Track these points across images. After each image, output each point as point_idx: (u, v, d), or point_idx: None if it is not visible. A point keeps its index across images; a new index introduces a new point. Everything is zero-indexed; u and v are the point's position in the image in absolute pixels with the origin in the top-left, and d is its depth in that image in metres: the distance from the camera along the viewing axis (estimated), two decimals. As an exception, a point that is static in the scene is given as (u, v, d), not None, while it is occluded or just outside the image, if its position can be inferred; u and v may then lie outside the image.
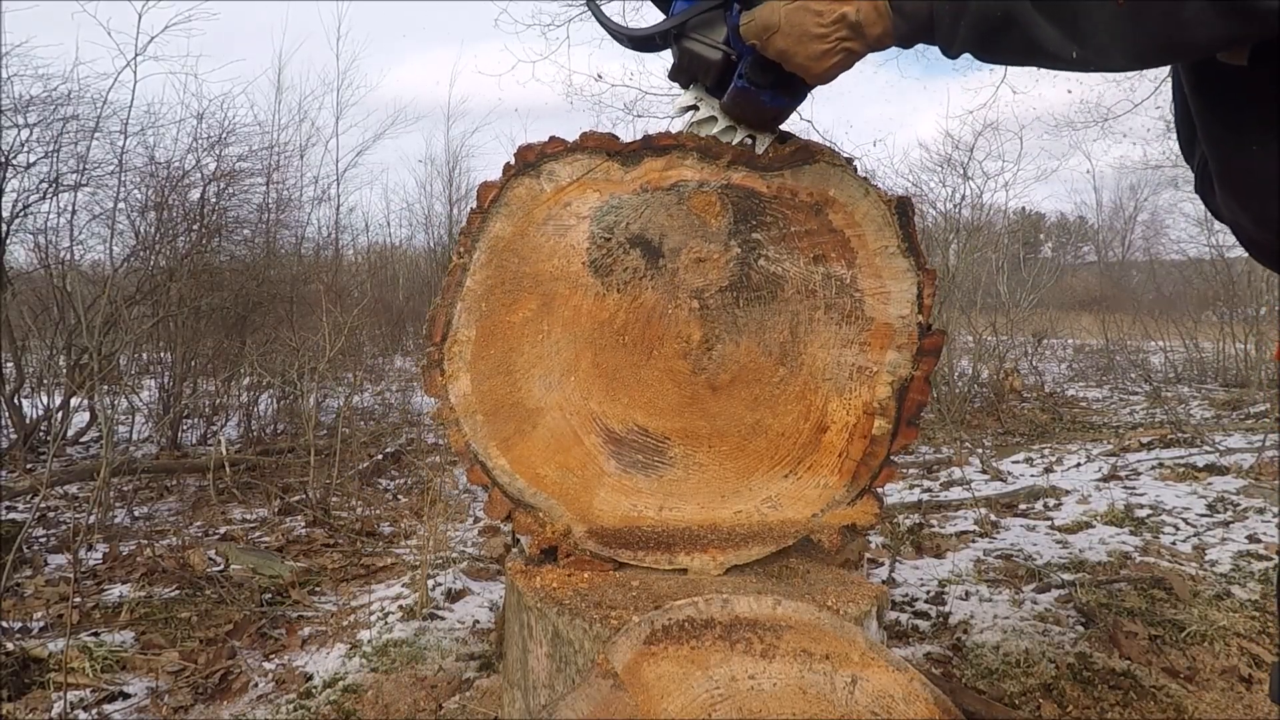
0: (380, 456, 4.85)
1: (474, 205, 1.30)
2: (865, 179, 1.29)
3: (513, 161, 1.29)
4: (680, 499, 1.28)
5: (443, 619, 2.52)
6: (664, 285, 1.28)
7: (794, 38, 1.02)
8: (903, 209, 1.28)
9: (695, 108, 1.26)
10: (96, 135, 5.30)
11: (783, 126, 1.30)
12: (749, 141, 1.27)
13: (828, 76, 1.07)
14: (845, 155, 1.31)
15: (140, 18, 5.05)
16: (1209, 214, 1.13)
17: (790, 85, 1.15)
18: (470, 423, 1.28)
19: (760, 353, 1.29)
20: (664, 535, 1.27)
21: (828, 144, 1.33)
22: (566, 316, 1.29)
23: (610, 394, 1.29)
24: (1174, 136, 1.15)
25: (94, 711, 2.02)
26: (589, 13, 1.22)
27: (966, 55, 0.97)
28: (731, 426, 1.29)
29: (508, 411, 1.28)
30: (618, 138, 1.30)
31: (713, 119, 1.25)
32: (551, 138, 1.30)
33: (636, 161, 1.29)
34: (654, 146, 1.29)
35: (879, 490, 1.29)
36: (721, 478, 1.29)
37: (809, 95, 1.24)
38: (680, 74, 1.23)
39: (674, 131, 1.30)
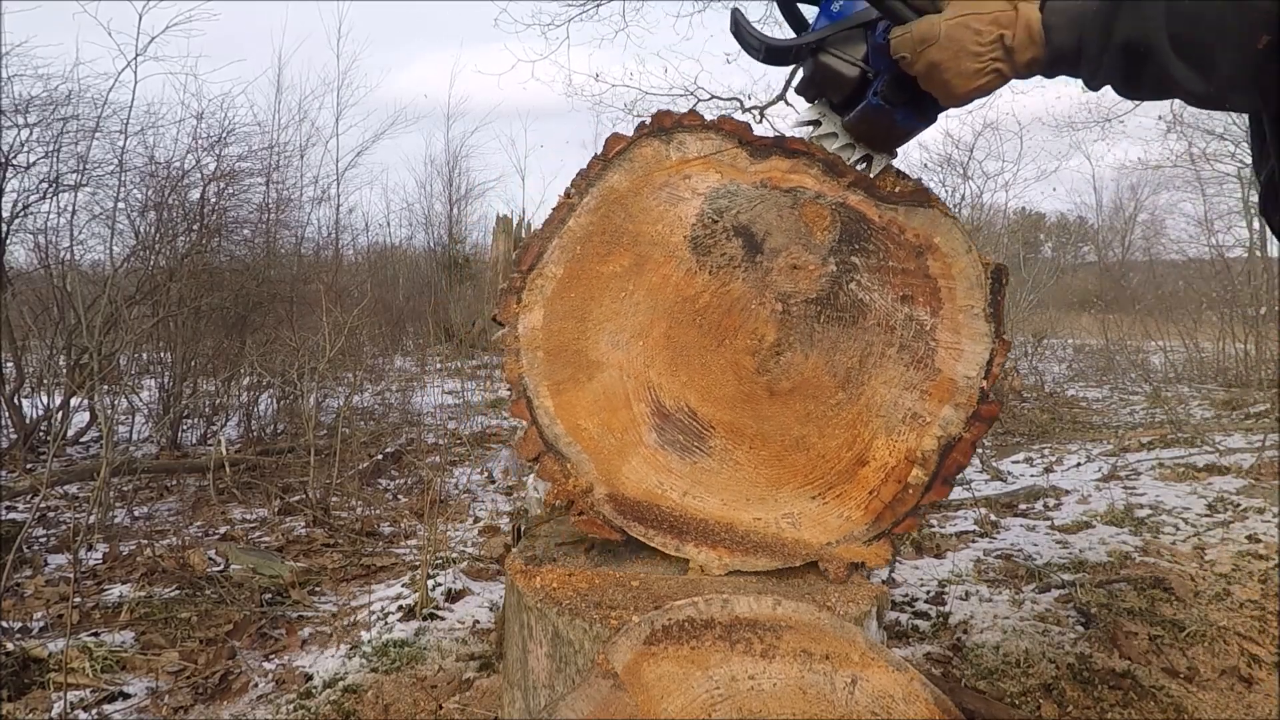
0: (380, 456, 4.85)
1: (597, 152, 1.33)
2: (970, 238, 1.31)
3: (647, 122, 1.32)
4: (706, 490, 1.28)
5: (443, 619, 2.52)
6: (754, 280, 1.29)
7: (950, 52, 1.05)
8: (998, 275, 1.30)
9: (818, 122, 1.29)
10: (96, 135, 5.31)
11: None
12: (863, 164, 1.30)
13: (968, 98, 1.09)
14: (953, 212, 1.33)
15: (140, 18, 5.06)
16: (1270, 231, 1.13)
17: (922, 107, 1.17)
18: (530, 357, 1.28)
19: (825, 371, 1.29)
20: (680, 521, 1.26)
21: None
22: (654, 282, 1.30)
23: (672, 369, 1.29)
24: (1173, 136, 1.16)
25: (94, 711, 2.02)
26: (732, 21, 1.22)
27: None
28: (777, 434, 1.29)
29: (569, 357, 1.29)
30: (752, 128, 1.33)
31: (833, 135, 1.28)
32: (691, 110, 1.33)
33: (764, 156, 1.31)
34: (784, 148, 1.31)
35: (897, 537, 1.29)
36: (752, 481, 1.29)
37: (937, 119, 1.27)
38: (809, 88, 1.25)
39: (807, 139, 1.32)
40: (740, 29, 1.22)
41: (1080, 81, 1.03)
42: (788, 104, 7.90)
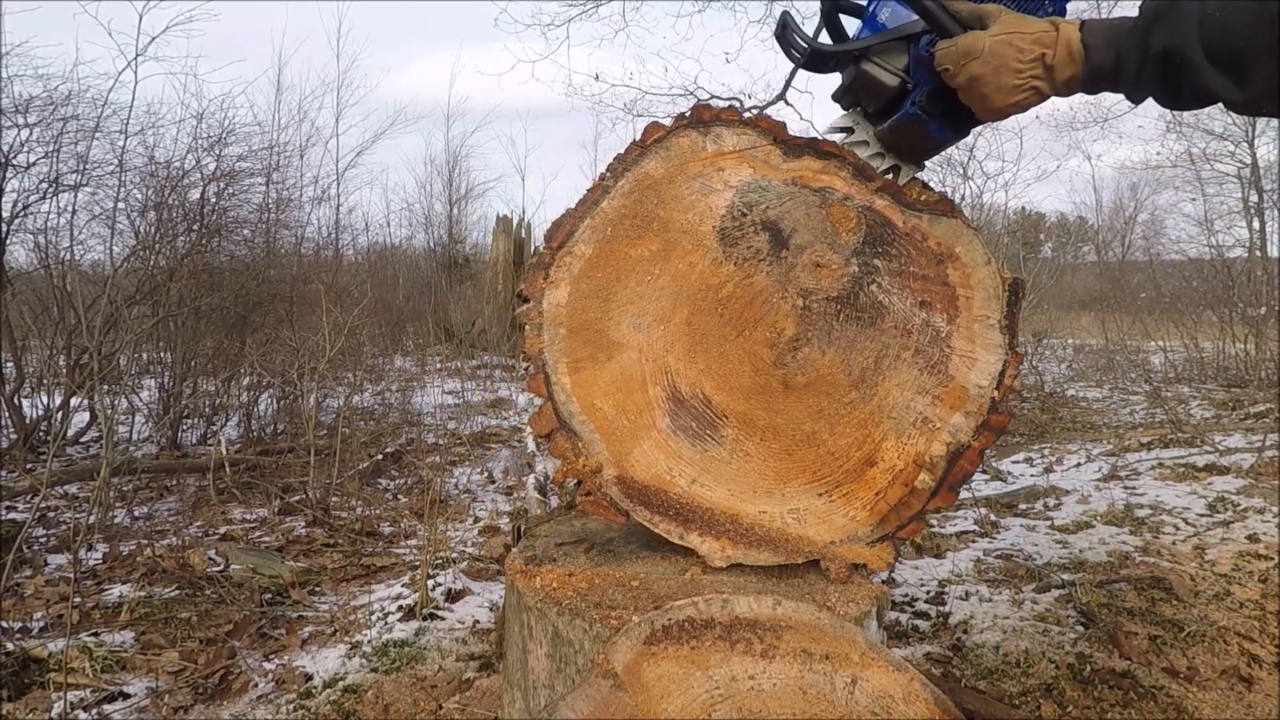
0: (380, 456, 4.86)
1: (635, 139, 1.36)
2: (990, 252, 1.34)
3: (687, 114, 1.35)
4: (715, 479, 1.28)
5: (443, 619, 2.52)
6: (778, 275, 1.31)
7: (992, 67, 1.08)
8: (1014, 289, 1.32)
9: (850, 130, 1.32)
10: (96, 135, 5.31)
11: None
12: (890, 175, 1.33)
13: (1005, 113, 1.13)
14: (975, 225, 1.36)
15: (141, 18, 5.06)
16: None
17: (957, 120, 1.21)
18: (552, 333, 1.29)
19: (840, 369, 1.30)
20: (686, 508, 1.27)
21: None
22: (680, 269, 1.31)
23: (690, 355, 1.30)
24: (1173, 136, 1.18)
25: (94, 711, 2.02)
26: (780, 24, 1.24)
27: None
28: (789, 428, 1.29)
29: (590, 335, 1.29)
30: (786, 128, 1.35)
31: (864, 144, 1.31)
32: (729, 106, 1.36)
33: (797, 155, 1.34)
34: (817, 149, 1.34)
35: (900, 540, 1.30)
36: (761, 473, 1.29)
37: (971, 132, 1.29)
38: (846, 95, 1.28)
39: (839, 142, 1.35)
40: (787, 31, 1.24)
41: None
42: (787, 104, 7.90)
